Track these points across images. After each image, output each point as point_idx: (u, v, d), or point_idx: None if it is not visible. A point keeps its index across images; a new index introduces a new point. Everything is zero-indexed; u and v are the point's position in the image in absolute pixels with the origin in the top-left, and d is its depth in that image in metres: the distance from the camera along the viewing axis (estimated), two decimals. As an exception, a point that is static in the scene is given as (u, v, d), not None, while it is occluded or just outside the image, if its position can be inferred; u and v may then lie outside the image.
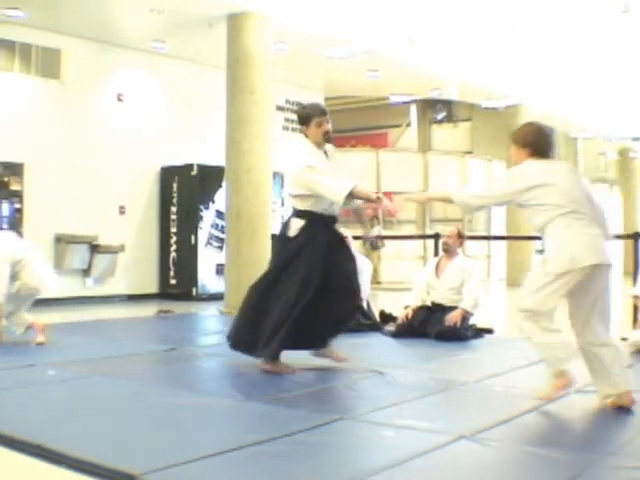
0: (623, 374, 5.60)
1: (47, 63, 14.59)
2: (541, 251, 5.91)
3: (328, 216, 7.12)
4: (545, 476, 4.19)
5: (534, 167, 5.75)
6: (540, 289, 5.59)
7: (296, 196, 7.25)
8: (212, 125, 15.70)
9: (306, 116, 7.33)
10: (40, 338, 8.86)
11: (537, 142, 5.87)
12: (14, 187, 13.40)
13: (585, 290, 5.61)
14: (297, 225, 7.06)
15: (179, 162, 16.07)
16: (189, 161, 15.96)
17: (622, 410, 5.51)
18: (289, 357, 7.13)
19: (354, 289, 7.24)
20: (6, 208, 13.22)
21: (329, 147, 7.41)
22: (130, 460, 4.26)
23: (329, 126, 7.25)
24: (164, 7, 13.29)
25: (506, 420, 5.29)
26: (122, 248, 15.30)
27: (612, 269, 5.76)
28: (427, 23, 14.13)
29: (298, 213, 7.12)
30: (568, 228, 5.57)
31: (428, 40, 15.21)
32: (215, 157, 14.92)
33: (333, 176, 6.96)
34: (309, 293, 6.90)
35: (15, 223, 13.19)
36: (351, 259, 7.36)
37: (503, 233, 22.24)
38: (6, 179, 13.26)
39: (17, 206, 13.30)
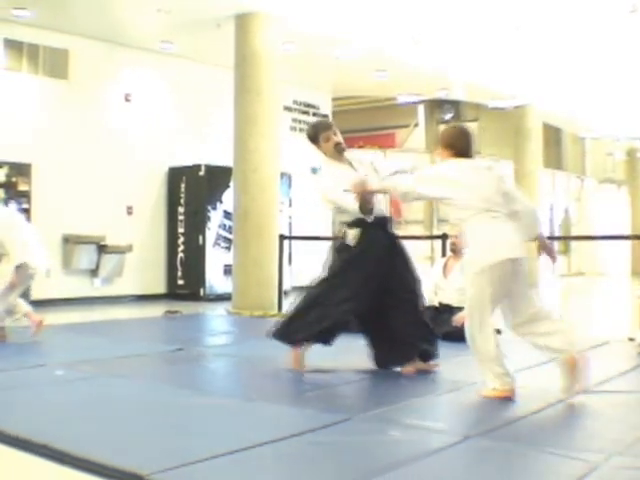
0: (564, 338, 5.95)
1: (55, 63, 14.61)
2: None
3: (380, 217, 7.10)
4: (551, 477, 4.20)
5: (455, 166, 6.13)
6: (472, 299, 5.96)
7: (337, 212, 7.30)
8: (220, 125, 15.72)
9: (313, 135, 7.37)
10: (34, 330, 8.88)
11: (459, 143, 6.24)
12: (22, 187, 13.42)
13: (508, 283, 5.88)
14: (354, 234, 7.03)
15: (187, 162, 16.09)
16: (197, 161, 15.99)
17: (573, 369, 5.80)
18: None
19: (415, 303, 7.22)
20: (14, 208, 13.22)
21: (353, 155, 7.39)
22: (138, 460, 4.26)
23: (338, 137, 7.25)
24: (171, 7, 13.30)
25: (512, 420, 5.29)
26: (130, 248, 15.32)
27: (526, 261, 5.98)
28: (434, 23, 14.13)
29: (350, 223, 7.09)
30: (484, 226, 5.93)
31: (435, 40, 15.21)
32: (223, 157, 14.93)
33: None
34: (365, 297, 6.94)
35: (23, 223, 13.21)
36: (410, 266, 7.30)
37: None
38: (14, 179, 13.29)
39: (25, 206, 13.31)
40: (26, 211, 13.27)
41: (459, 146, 6.22)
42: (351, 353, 7.57)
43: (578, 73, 18.00)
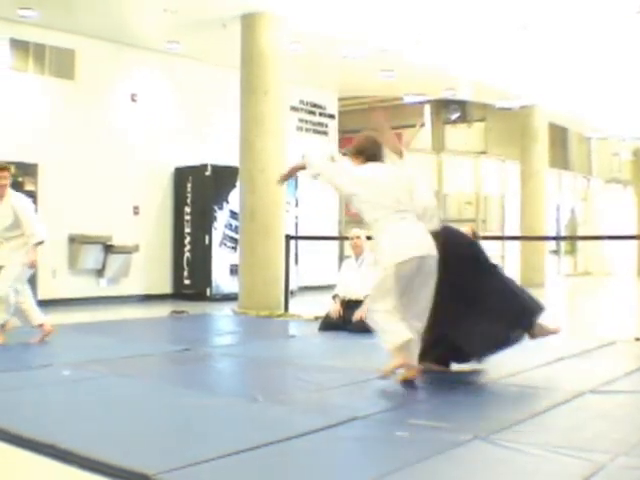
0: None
1: (61, 63, 14.63)
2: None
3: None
4: (559, 476, 4.19)
5: (369, 167, 6.73)
6: (376, 288, 6.49)
7: None
8: (226, 125, 15.73)
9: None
10: (39, 338, 8.92)
11: (369, 149, 6.86)
12: (28, 187, 13.40)
13: (412, 280, 6.38)
14: None
15: (193, 162, 16.10)
16: (203, 161, 15.99)
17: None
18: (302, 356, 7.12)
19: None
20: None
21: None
22: (144, 460, 4.27)
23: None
24: (178, 7, 13.31)
25: (521, 420, 5.28)
26: (136, 248, 15.33)
27: (436, 259, 6.46)
28: (441, 22, 14.12)
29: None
30: (393, 225, 6.46)
31: (442, 40, 15.20)
32: (229, 157, 14.94)
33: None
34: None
35: (29, 223, 13.22)
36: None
37: (517, 233, 22.22)
38: (20, 179, 13.27)
39: (31, 206, 13.31)
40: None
41: (369, 152, 6.83)
42: (355, 353, 7.58)
43: (584, 73, 17.98)
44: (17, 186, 13.12)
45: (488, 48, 15.85)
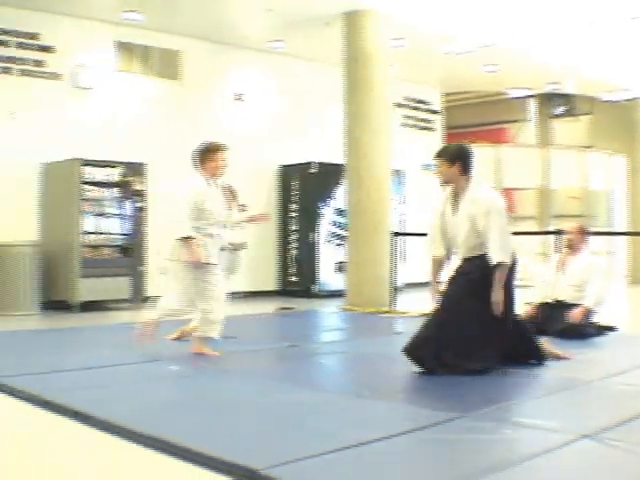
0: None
1: (166, 64, 14.89)
2: None
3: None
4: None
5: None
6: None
7: None
8: (330, 123, 15.77)
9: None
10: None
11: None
12: (137, 187, 13.61)
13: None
14: None
15: (298, 160, 16.18)
16: (308, 159, 16.05)
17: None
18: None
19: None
20: (130, 207, 13.46)
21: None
22: (250, 455, 4.30)
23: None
24: (280, 7, 13.40)
25: (630, 419, 5.19)
26: (243, 245, 15.43)
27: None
28: (546, 15, 13.92)
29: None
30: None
31: (546, 32, 14.99)
32: (333, 155, 14.96)
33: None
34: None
35: (138, 221, 13.42)
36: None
37: (625, 229, 21.80)
38: (129, 179, 13.48)
39: (140, 205, 13.51)
40: (141, 210, 13.48)
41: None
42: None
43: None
44: (126, 186, 13.40)
45: (594, 40, 15.57)
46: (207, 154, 8.49)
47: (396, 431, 4.83)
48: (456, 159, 7.08)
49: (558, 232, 11.22)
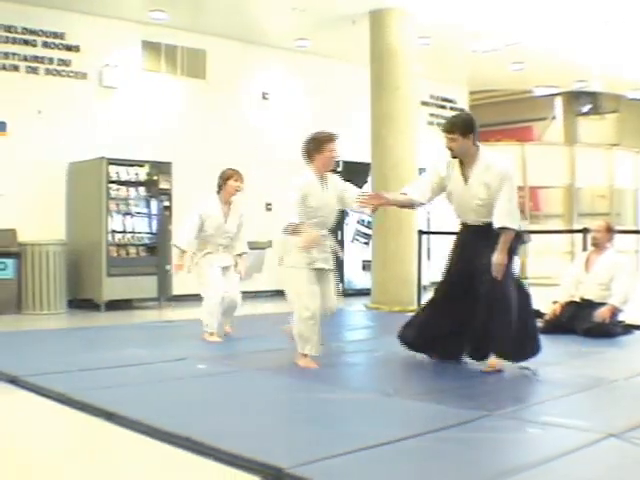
0: None
1: (193, 63, 14.95)
2: None
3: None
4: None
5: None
6: None
7: None
8: (356, 121, 15.75)
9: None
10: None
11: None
12: (163, 185, 13.65)
13: None
14: None
15: (323, 158, 16.17)
16: (334, 157, 16.04)
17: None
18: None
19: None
20: (156, 206, 13.50)
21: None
22: (277, 453, 4.32)
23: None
24: (306, 5, 13.41)
25: (658, 418, 5.18)
26: (269, 244, 15.45)
27: None
28: (571, 13, 13.87)
29: None
30: None
31: (572, 30, 14.94)
32: (360, 153, 14.94)
33: None
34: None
35: (164, 220, 13.47)
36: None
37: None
38: (155, 178, 13.53)
39: (166, 204, 13.55)
40: (167, 209, 13.52)
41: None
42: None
43: None
44: (152, 184, 13.45)
45: (620, 38, 15.50)
46: (320, 144, 7.78)
47: (421, 430, 4.84)
48: (468, 131, 7.05)
49: (584, 230, 11.17)
